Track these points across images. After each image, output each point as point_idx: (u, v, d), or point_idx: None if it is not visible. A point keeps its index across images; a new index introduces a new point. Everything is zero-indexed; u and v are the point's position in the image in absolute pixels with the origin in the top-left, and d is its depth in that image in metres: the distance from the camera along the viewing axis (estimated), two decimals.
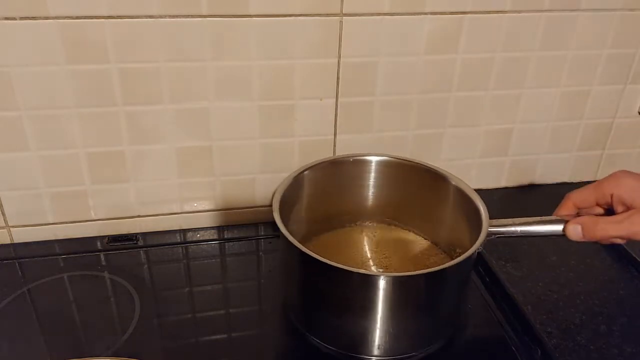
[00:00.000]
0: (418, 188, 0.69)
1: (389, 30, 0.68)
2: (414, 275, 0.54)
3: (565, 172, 0.87)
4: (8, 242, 0.72)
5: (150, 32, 0.62)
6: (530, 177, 0.86)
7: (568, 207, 0.56)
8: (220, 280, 0.68)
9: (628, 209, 0.52)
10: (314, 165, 0.67)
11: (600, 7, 0.73)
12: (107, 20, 0.61)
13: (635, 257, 0.69)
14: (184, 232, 0.75)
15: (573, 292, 0.65)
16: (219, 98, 0.68)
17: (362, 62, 0.70)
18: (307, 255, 0.53)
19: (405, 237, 0.72)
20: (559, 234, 0.55)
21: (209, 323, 0.61)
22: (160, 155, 0.70)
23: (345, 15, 0.66)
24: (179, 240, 0.74)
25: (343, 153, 0.74)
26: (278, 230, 0.56)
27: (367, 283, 0.53)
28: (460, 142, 0.79)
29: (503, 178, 0.85)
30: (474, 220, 0.59)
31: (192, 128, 0.69)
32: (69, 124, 0.66)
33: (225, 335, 0.60)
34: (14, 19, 0.59)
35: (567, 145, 0.84)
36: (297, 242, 0.54)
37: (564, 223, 0.54)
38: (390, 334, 0.56)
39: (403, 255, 0.69)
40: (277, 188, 0.62)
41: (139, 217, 0.74)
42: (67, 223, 0.72)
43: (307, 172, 0.67)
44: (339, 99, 0.71)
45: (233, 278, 0.68)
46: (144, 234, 0.74)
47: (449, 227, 0.68)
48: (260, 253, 0.73)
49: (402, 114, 0.75)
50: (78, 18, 0.60)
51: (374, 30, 0.68)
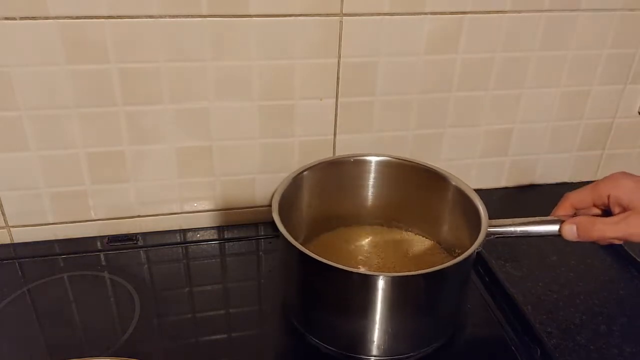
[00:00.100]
0: (418, 188, 0.69)
1: (389, 30, 0.68)
2: (413, 276, 0.54)
3: (565, 172, 0.87)
4: (8, 242, 0.72)
5: (150, 32, 0.62)
6: (530, 177, 0.86)
7: (565, 207, 0.56)
8: (220, 280, 0.68)
9: (625, 210, 0.52)
10: (314, 166, 0.67)
11: (600, 7, 0.73)
12: (107, 20, 0.61)
13: (635, 257, 0.69)
14: (184, 232, 0.76)
15: (573, 292, 0.65)
16: (219, 98, 0.68)
17: (362, 62, 0.70)
18: (306, 256, 0.53)
19: (405, 237, 0.72)
20: (556, 234, 0.55)
21: (209, 323, 0.61)
22: (160, 155, 0.70)
23: (345, 15, 0.66)
24: (179, 240, 0.74)
25: (343, 153, 0.74)
26: (278, 230, 0.56)
27: (366, 283, 0.53)
28: (460, 142, 0.79)
29: (503, 178, 0.85)
30: (474, 221, 0.59)
31: (192, 128, 0.69)
32: (69, 124, 0.66)
33: (225, 335, 0.60)
34: (14, 19, 0.59)
35: (567, 145, 0.84)
36: (296, 242, 0.54)
37: (561, 223, 0.54)
38: (390, 334, 0.56)
39: (402, 256, 0.69)
40: (276, 188, 0.62)
41: (139, 217, 0.74)
42: (67, 223, 0.72)
43: (307, 172, 0.66)
44: (339, 99, 0.71)
45: (233, 278, 0.68)
46: (144, 234, 0.74)
47: (449, 227, 0.68)
48: (260, 253, 0.73)
49: (402, 114, 0.75)
50: (78, 18, 0.60)
51: (374, 30, 0.68)
